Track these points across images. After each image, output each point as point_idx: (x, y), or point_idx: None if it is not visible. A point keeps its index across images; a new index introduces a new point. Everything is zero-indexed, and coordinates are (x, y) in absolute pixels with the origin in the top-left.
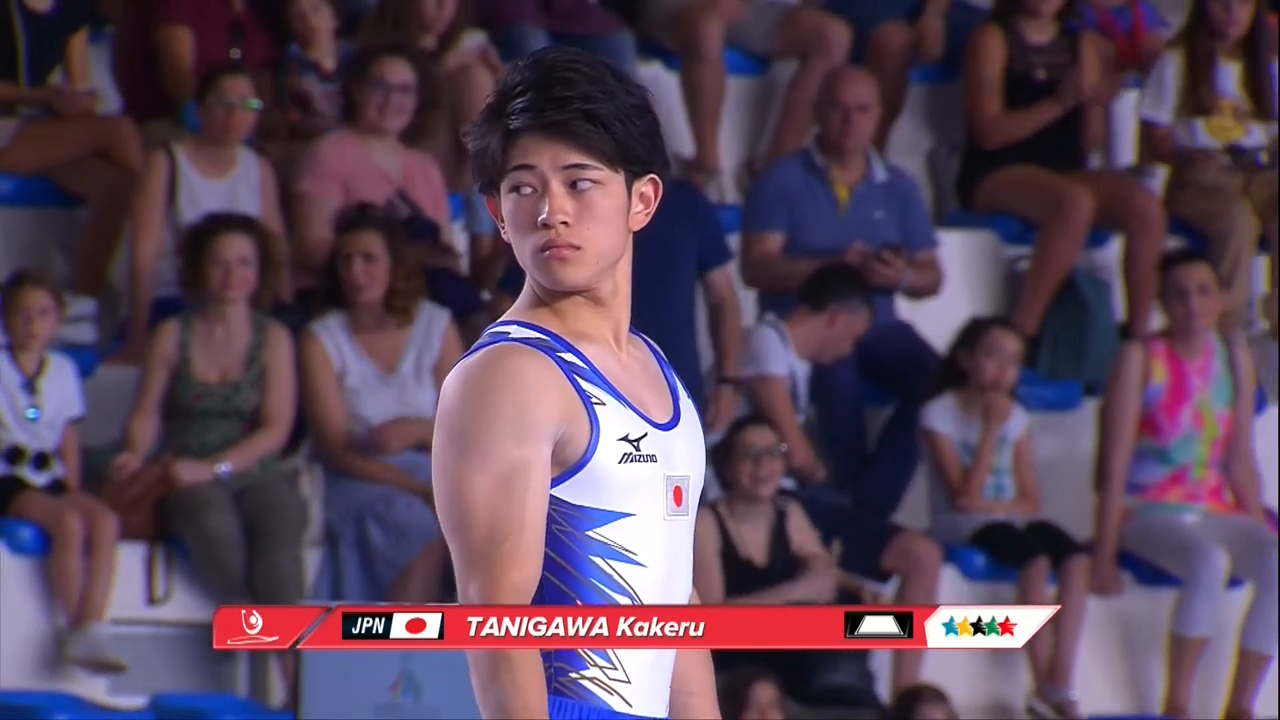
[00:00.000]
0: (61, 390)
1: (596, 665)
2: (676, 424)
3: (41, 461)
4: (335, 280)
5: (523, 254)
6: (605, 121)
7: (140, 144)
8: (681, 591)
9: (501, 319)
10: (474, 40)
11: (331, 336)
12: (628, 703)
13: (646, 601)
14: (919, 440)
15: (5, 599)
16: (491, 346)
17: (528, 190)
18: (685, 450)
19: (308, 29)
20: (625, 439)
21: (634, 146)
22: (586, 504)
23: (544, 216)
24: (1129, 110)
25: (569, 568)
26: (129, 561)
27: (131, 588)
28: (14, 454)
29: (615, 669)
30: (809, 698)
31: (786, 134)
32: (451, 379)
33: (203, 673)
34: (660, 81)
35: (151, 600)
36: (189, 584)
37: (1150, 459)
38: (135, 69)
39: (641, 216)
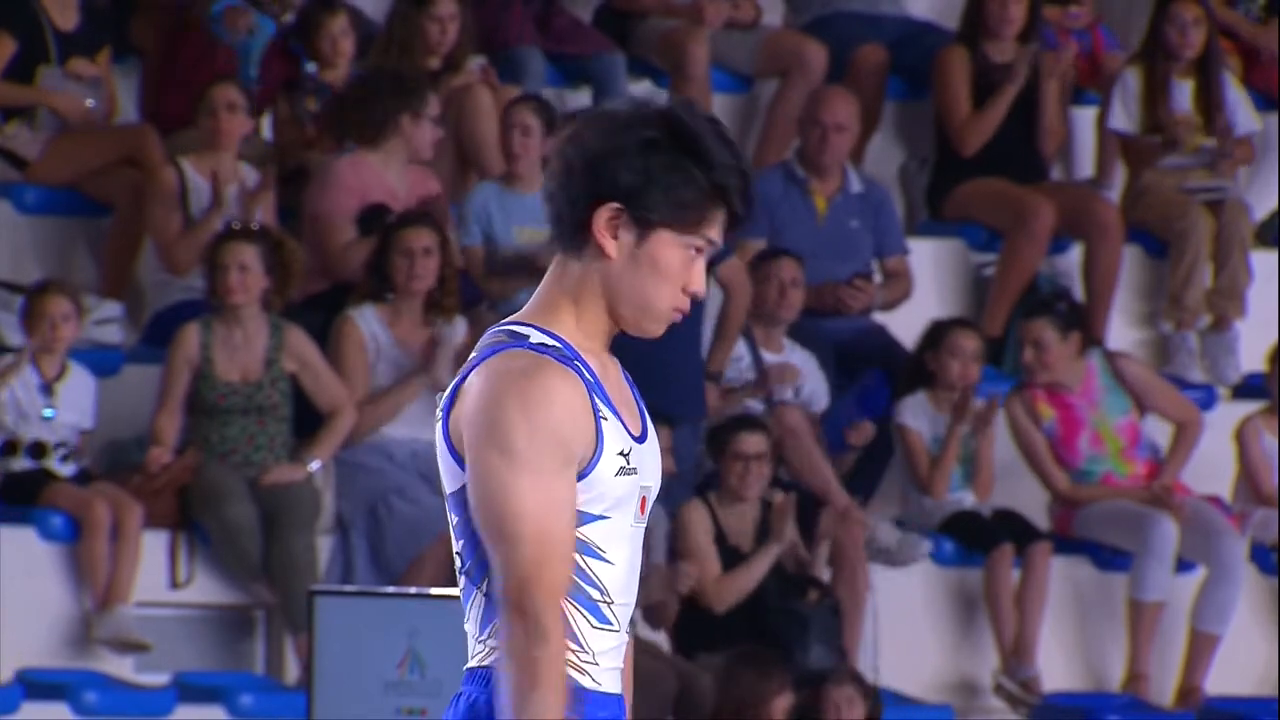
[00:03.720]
0: (78, 401)
1: (570, 649)
2: (645, 438)
3: (63, 456)
4: (381, 275)
5: (645, 298)
6: None
7: (163, 151)
8: (635, 586)
9: (520, 319)
10: (475, 62)
11: (367, 324)
12: (596, 681)
13: (612, 593)
14: (892, 434)
15: (37, 583)
16: (528, 356)
17: (695, 254)
18: (650, 461)
19: (335, 52)
20: (621, 453)
21: None
22: (578, 507)
23: (697, 289)
24: (1088, 125)
25: None
26: (153, 548)
27: (156, 572)
28: (37, 449)
29: (585, 652)
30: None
31: (768, 148)
32: (493, 385)
33: (222, 652)
34: (650, 99)
35: (174, 584)
36: (209, 569)
37: (1074, 478)
38: (161, 90)
39: None
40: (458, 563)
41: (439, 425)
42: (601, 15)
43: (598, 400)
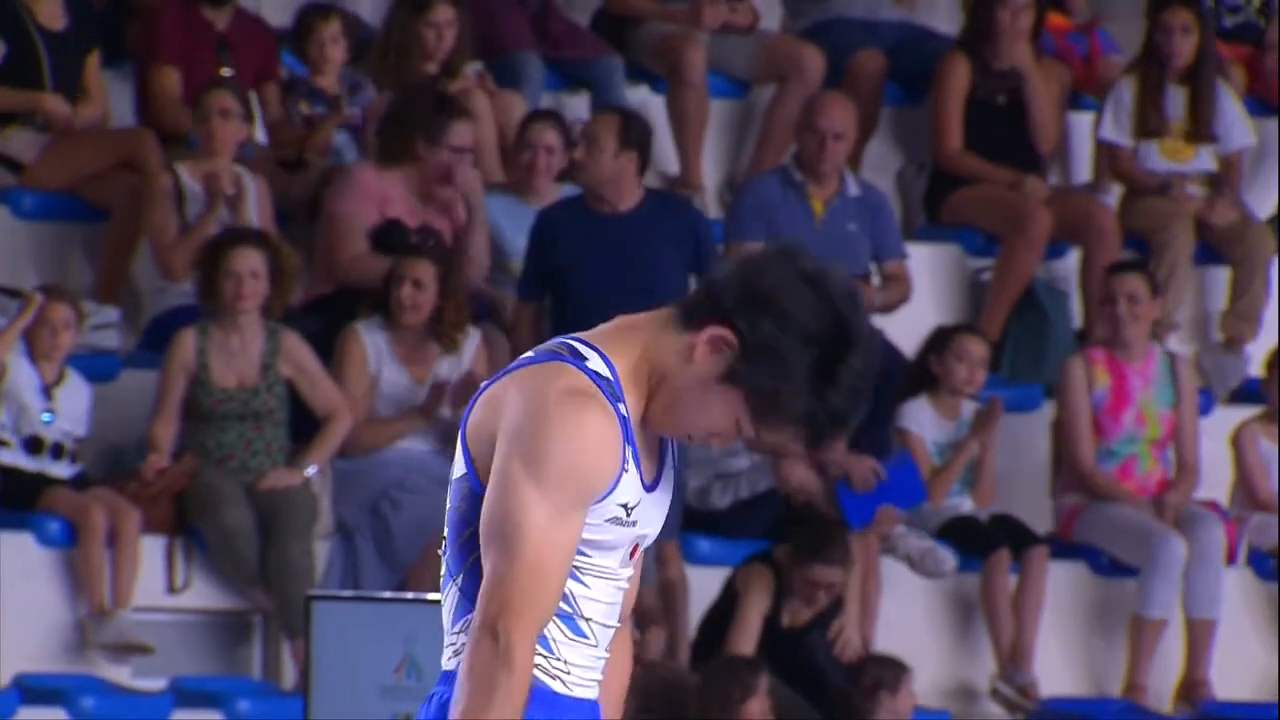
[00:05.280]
0: (74, 409)
1: (540, 654)
2: (656, 487)
3: (59, 451)
4: (388, 294)
5: (679, 415)
6: None
7: (160, 155)
8: (616, 618)
9: (587, 338)
10: (472, 68)
11: (372, 338)
12: (567, 686)
13: (591, 619)
14: (891, 439)
15: (34, 589)
16: (580, 380)
17: (741, 429)
18: (655, 512)
19: (324, 58)
20: (623, 505)
21: None
22: None
23: (717, 443)
24: (1085, 130)
25: None
26: (151, 553)
27: (153, 577)
28: (34, 443)
29: (557, 659)
30: (790, 677)
31: (765, 153)
32: (538, 401)
33: (220, 657)
34: (647, 104)
35: (172, 589)
36: (207, 574)
37: (1097, 456)
38: (153, 99)
39: None
40: (441, 548)
41: (463, 416)
42: (599, 20)
43: (627, 449)
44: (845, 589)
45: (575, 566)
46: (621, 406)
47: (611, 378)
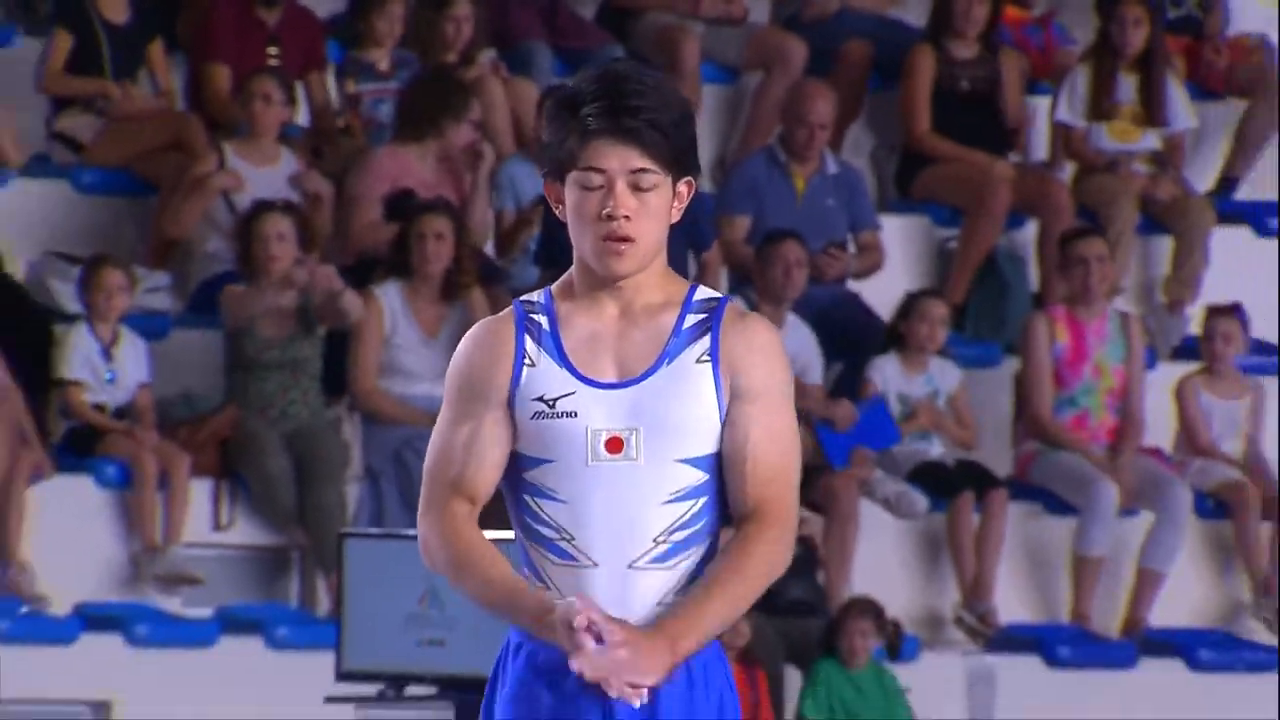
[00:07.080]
0: (134, 359)
1: (537, 586)
2: (638, 381)
3: (119, 415)
4: (403, 255)
5: (583, 241)
6: (666, 130)
7: (206, 136)
8: (628, 528)
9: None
10: (486, 55)
11: (389, 300)
12: None
13: (570, 530)
14: (859, 387)
15: (94, 526)
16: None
17: (595, 186)
18: (634, 405)
19: (388, 34)
20: (540, 399)
21: (683, 153)
22: (518, 449)
23: (609, 210)
24: (1042, 113)
25: (511, 499)
26: (199, 494)
27: (201, 516)
28: (97, 409)
29: (550, 589)
30: (768, 609)
31: (752, 135)
32: None
33: (261, 587)
34: None
35: (218, 527)
36: (249, 514)
37: (1057, 405)
38: (205, 92)
39: (677, 212)
40: None
41: None
42: (603, 12)
43: (534, 347)
44: (817, 539)
45: (542, 483)
46: (540, 318)
47: (541, 299)
